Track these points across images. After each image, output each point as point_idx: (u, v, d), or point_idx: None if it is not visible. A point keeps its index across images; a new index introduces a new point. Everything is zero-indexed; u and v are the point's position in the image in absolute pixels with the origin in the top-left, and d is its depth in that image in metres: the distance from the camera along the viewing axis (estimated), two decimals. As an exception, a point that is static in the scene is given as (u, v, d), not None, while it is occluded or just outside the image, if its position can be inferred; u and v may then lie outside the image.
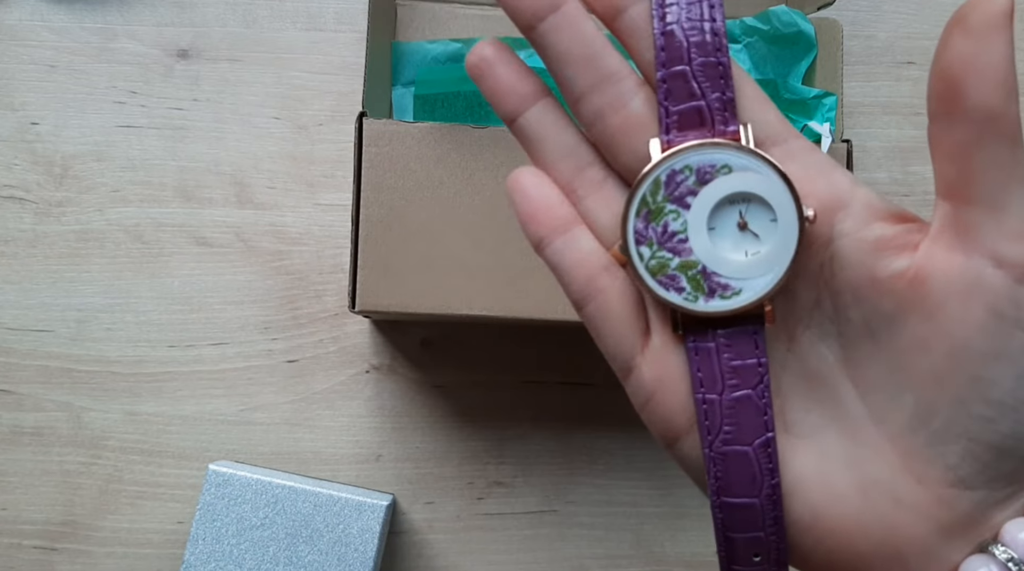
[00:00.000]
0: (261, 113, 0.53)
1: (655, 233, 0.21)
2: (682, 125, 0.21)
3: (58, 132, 0.52)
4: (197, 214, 0.52)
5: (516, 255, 0.41)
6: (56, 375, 0.51)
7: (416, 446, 0.51)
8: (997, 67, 0.18)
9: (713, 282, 0.21)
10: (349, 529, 0.45)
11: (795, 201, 0.20)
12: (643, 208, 0.21)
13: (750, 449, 0.21)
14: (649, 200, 0.21)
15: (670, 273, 0.21)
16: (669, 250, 0.21)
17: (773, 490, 0.21)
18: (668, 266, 0.21)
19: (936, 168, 0.20)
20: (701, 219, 0.21)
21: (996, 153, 0.18)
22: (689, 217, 0.21)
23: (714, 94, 0.21)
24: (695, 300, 0.21)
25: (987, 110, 0.18)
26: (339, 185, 0.52)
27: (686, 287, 0.21)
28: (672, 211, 0.21)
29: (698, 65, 0.21)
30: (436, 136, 0.41)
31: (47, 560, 0.50)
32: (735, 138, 0.21)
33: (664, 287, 0.21)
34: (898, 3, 0.56)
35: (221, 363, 0.51)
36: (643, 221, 0.21)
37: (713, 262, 0.21)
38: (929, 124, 0.19)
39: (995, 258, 0.19)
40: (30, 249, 0.51)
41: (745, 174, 0.20)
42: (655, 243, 0.21)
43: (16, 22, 0.53)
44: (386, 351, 0.52)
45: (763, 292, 0.21)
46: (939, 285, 0.19)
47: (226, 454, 0.51)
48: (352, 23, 0.54)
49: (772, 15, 0.49)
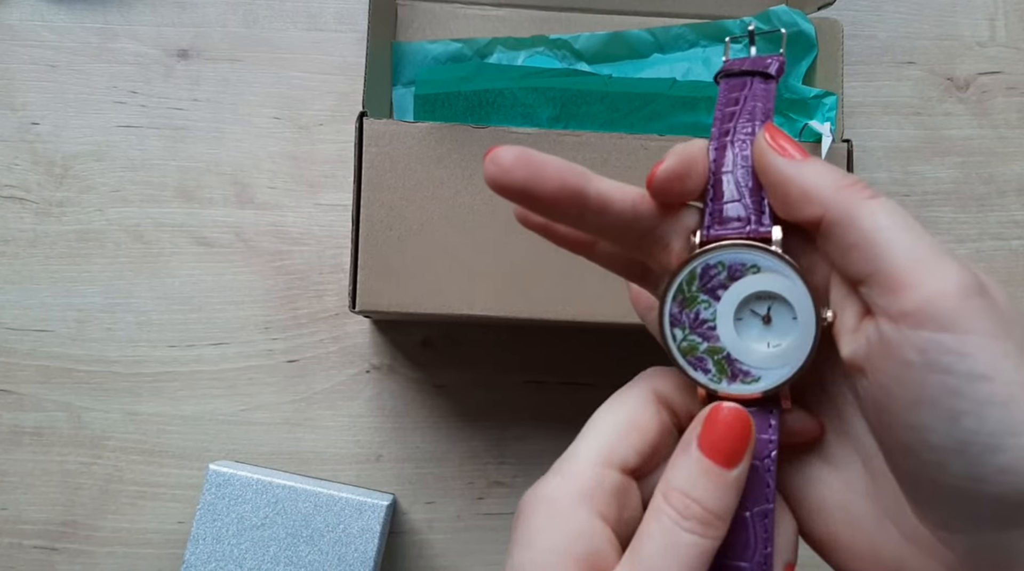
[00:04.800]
0: (261, 113, 0.53)
1: (688, 318, 0.23)
2: (722, 222, 0.23)
3: (58, 132, 0.52)
4: (197, 214, 0.52)
5: (516, 255, 0.41)
6: (56, 375, 0.51)
7: (416, 446, 0.51)
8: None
9: (736, 368, 0.23)
10: (349, 529, 0.45)
11: (814, 305, 0.22)
12: (679, 295, 0.23)
13: (748, 515, 0.22)
14: (685, 289, 0.23)
15: (699, 355, 0.23)
16: (699, 335, 0.23)
17: (765, 559, 0.22)
18: (697, 349, 0.23)
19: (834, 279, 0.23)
20: (729, 311, 0.23)
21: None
22: (719, 308, 0.23)
23: (753, 198, 0.23)
24: (719, 381, 0.23)
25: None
26: (339, 185, 0.52)
27: (712, 369, 0.23)
28: (704, 301, 0.23)
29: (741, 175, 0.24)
30: (436, 136, 0.41)
31: (47, 560, 0.50)
32: (767, 238, 0.23)
33: (693, 367, 0.23)
34: (898, 3, 0.56)
35: (221, 363, 0.51)
36: (678, 306, 0.23)
37: (737, 351, 0.23)
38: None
39: (888, 315, 0.20)
40: (30, 249, 0.51)
41: (772, 275, 0.23)
42: (687, 327, 0.23)
43: (16, 22, 0.53)
44: (386, 351, 0.52)
45: (779, 382, 0.23)
46: (862, 353, 0.21)
47: (226, 454, 0.51)
48: (352, 23, 0.54)
49: (772, 15, 0.49)
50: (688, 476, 0.22)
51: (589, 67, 0.51)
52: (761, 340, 0.23)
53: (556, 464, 0.24)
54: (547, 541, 0.22)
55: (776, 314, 0.23)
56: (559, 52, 0.51)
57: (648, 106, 0.49)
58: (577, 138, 0.41)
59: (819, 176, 0.22)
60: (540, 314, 0.41)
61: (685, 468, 0.22)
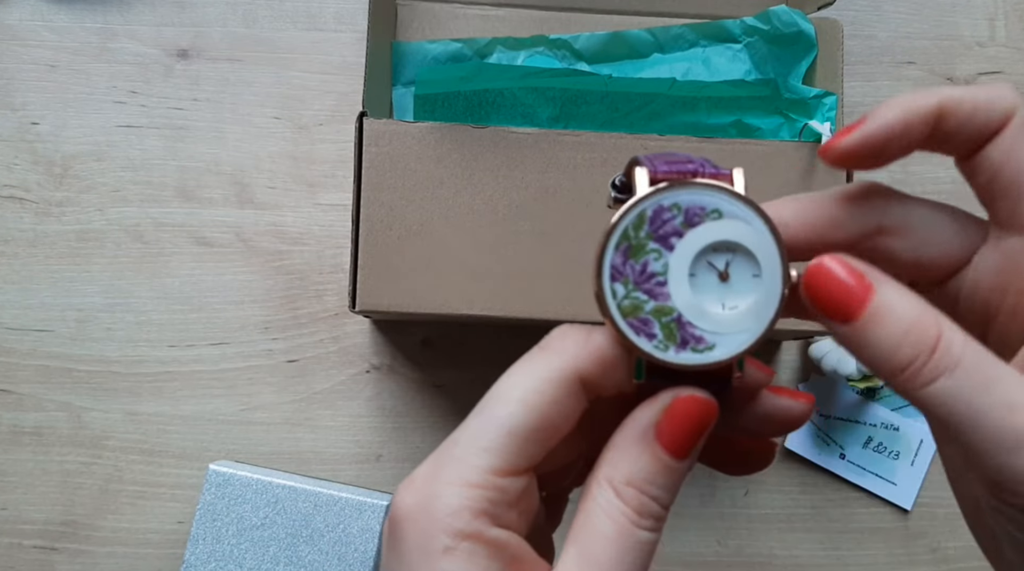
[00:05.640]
0: (261, 113, 0.53)
1: (633, 271, 0.19)
2: (670, 162, 0.20)
3: (58, 132, 0.52)
4: (197, 214, 0.52)
5: (516, 255, 0.41)
6: (56, 375, 0.51)
7: (416, 446, 0.51)
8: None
9: (687, 333, 0.19)
10: (349, 529, 0.45)
11: (782, 260, 0.19)
12: (624, 241, 0.19)
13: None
14: (631, 234, 0.19)
15: (643, 316, 0.19)
16: (645, 292, 0.19)
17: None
18: (642, 309, 0.19)
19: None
20: (684, 264, 0.19)
21: None
22: (671, 259, 0.19)
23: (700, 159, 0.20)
24: (665, 349, 0.19)
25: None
26: (339, 185, 0.52)
27: (658, 334, 0.19)
28: (654, 250, 0.19)
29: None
30: (436, 136, 0.41)
31: (47, 560, 0.50)
32: (728, 181, 0.20)
33: (635, 331, 0.19)
34: (898, 3, 0.56)
35: (221, 363, 0.51)
36: (622, 256, 0.19)
37: (690, 312, 0.19)
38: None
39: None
40: (30, 249, 0.51)
41: (735, 223, 0.19)
42: (631, 282, 0.19)
43: (16, 22, 0.53)
44: (386, 351, 0.52)
45: (737, 351, 0.19)
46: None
47: (226, 454, 0.51)
48: (352, 23, 0.54)
49: (772, 15, 0.49)
50: (644, 471, 0.19)
51: (589, 67, 0.51)
52: (716, 300, 0.19)
53: (441, 459, 0.20)
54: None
55: (735, 270, 0.19)
56: (559, 52, 0.51)
57: (648, 106, 0.49)
58: (577, 138, 0.41)
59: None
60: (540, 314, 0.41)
61: (640, 461, 0.19)
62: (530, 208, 0.40)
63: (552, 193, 0.41)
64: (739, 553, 0.52)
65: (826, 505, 0.52)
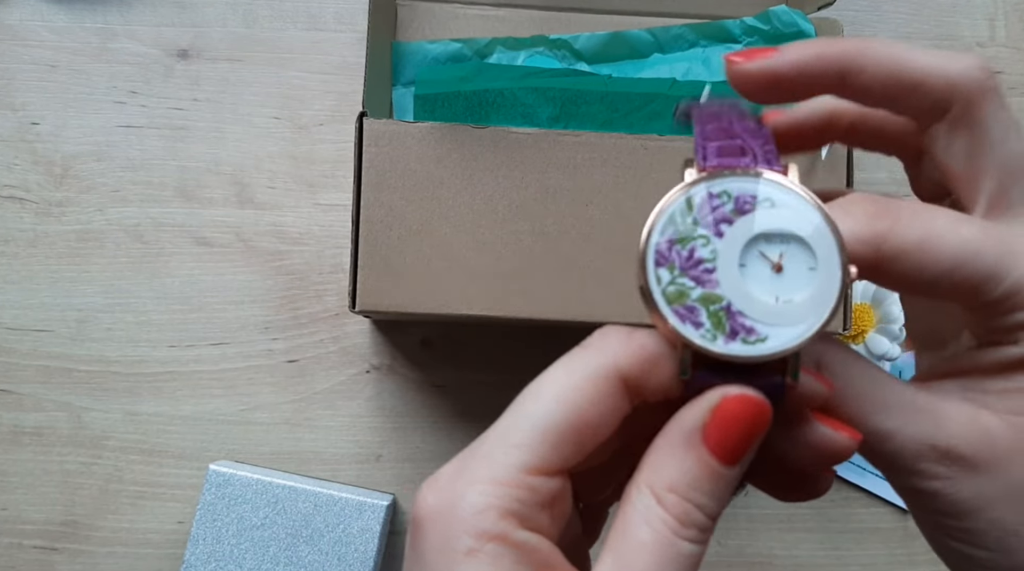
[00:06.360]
0: (261, 113, 0.53)
1: (679, 256, 0.18)
2: (721, 153, 0.19)
3: (58, 132, 0.52)
4: (197, 214, 0.52)
5: (516, 255, 0.41)
6: (56, 375, 0.51)
7: (416, 446, 0.51)
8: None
9: (737, 323, 0.18)
10: (349, 529, 0.45)
11: (841, 253, 0.18)
12: (670, 226, 0.18)
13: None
14: (678, 220, 0.18)
15: (689, 304, 0.18)
16: (692, 278, 0.18)
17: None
18: (688, 296, 0.18)
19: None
20: (734, 251, 0.18)
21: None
22: (720, 246, 0.18)
23: (756, 141, 0.19)
24: (714, 339, 0.18)
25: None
26: (339, 185, 0.52)
27: (705, 323, 0.18)
28: (702, 236, 0.18)
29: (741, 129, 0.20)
30: (436, 136, 0.41)
31: (47, 560, 0.50)
32: (782, 174, 0.19)
33: (680, 319, 0.18)
34: (898, 3, 0.56)
35: (221, 363, 0.51)
36: (668, 241, 0.18)
37: (741, 300, 0.18)
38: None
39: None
40: (30, 249, 0.51)
41: (789, 212, 0.18)
42: (677, 268, 0.18)
43: (16, 22, 0.53)
44: (386, 351, 0.52)
45: (791, 344, 0.18)
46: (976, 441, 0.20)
47: (226, 454, 0.51)
48: (352, 23, 0.54)
49: (772, 15, 0.49)
50: (688, 477, 0.18)
51: (589, 67, 0.51)
52: (768, 293, 0.18)
53: (468, 457, 0.19)
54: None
55: (789, 261, 0.18)
56: (559, 52, 0.51)
57: (648, 106, 0.49)
58: (577, 138, 0.41)
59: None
60: (540, 314, 0.41)
61: (684, 467, 0.18)
62: (530, 208, 0.40)
63: (552, 193, 0.41)
64: (739, 553, 0.52)
65: (826, 505, 0.52)
